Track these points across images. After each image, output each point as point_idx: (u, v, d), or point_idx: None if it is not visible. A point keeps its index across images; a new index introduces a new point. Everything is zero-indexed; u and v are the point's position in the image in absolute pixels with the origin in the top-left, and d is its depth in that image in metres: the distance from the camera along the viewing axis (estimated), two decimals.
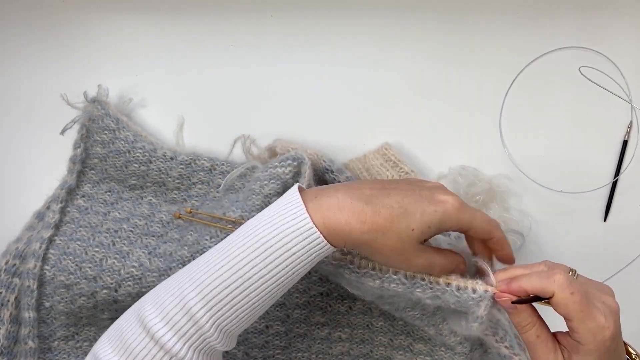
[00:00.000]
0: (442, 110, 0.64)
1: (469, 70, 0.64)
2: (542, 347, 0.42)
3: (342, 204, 0.41)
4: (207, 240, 0.54)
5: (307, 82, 0.65)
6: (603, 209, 0.63)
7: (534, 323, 0.42)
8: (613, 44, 0.63)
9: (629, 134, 0.62)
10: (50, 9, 0.66)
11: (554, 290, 0.39)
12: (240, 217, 0.53)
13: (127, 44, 0.66)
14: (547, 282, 0.40)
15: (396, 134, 0.63)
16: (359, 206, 0.41)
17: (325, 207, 0.41)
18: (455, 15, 0.64)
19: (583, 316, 0.39)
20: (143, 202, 0.62)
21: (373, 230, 0.41)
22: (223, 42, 0.65)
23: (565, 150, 0.63)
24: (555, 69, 0.63)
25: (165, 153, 0.61)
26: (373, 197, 0.42)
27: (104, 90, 0.63)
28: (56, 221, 0.60)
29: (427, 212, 0.42)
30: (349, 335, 0.59)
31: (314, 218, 0.41)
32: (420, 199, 0.43)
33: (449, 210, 0.43)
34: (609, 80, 0.62)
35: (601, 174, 0.63)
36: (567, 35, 0.63)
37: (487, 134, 0.63)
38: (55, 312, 0.58)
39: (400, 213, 0.42)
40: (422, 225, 0.42)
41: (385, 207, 0.42)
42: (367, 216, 0.41)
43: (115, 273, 0.56)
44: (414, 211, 0.42)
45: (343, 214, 0.41)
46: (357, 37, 0.65)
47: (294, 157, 0.54)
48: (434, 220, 0.42)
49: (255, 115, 0.65)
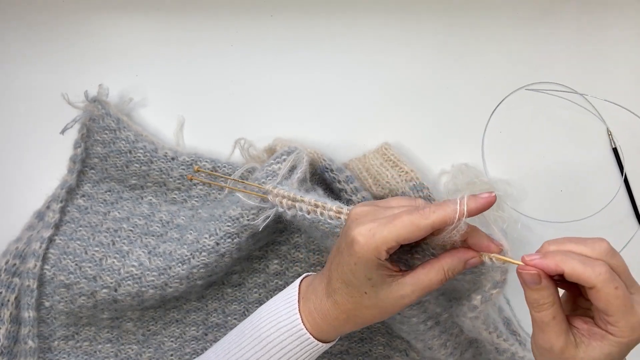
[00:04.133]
0: (441, 110, 0.64)
1: (470, 71, 0.64)
2: (555, 329, 0.39)
3: (322, 312, 0.44)
4: (206, 239, 0.54)
5: (306, 82, 0.65)
6: (632, 217, 0.62)
7: (552, 302, 0.39)
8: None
9: (612, 139, 0.62)
10: (50, 9, 0.66)
11: (595, 283, 0.37)
12: (243, 187, 0.54)
13: (128, 44, 0.66)
14: (591, 273, 0.37)
15: (396, 134, 0.63)
16: (326, 307, 0.44)
17: (309, 313, 0.45)
18: (455, 17, 0.64)
19: (625, 311, 0.37)
20: (143, 202, 0.62)
21: (350, 319, 0.44)
22: (223, 42, 0.65)
23: (562, 161, 0.63)
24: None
25: (167, 153, 0.61)
26: (330, 289, 0.44)
27: (105, 89, 0.63)
28: (56, 221, 0.60)
29: (352, 267, 0.42)
30: (347, 334, 0.59)
31: (306, 325, 0.44)
32: (342, 260, 0.43)
33: (360, 247, 0.41)
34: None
35: (605, 188, 0.62)
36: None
37: (487, 135, 0.63)
38: (55, 312, 0.58)
39: (344, 287, 0.43)
40: (360, 279, 0.42)
41: (335, 292, 0.43)
42: (334, 312, 0.44)
43: (115, 272, 0.56)
44: (348, 277, 0.42)
45: (324, 322, 0.44)
46: (356, 38, 0.65)
47: (288, 151, 0.55)
48: (360, 266, 0.41)
49: (255, 115, 0.65)
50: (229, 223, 0.54)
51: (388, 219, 0.41)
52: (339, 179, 0.57)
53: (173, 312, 0.61)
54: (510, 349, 0.51)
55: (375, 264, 0.41)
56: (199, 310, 0.61)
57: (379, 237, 0.40)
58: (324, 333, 0.45)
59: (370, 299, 0.42)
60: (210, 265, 0.55)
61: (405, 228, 0.40)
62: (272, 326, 0.45)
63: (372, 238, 0.40)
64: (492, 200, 0.41)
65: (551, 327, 0.39)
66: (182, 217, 0.60)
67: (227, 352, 0.46)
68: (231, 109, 0.65)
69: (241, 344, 0.46)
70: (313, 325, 0.44)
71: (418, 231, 0.40)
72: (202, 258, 0.54)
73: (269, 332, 0.45)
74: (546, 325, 0.39)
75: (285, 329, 0.44)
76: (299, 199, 0.48)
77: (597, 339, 0.38)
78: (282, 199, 0.49)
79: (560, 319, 0.39)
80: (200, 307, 0.61)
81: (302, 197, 0.48)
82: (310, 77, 0.65)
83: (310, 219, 0.48)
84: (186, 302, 0.60)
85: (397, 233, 0.40)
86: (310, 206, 0.48)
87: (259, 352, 0.45)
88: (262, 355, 0.44)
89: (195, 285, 0.56)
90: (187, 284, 0.55)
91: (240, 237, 0.54)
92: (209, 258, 0.54)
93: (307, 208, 0.48)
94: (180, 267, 0.54)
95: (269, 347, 0.44)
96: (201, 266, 0.54)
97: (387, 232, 0.40)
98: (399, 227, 0.40)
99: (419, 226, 0.40)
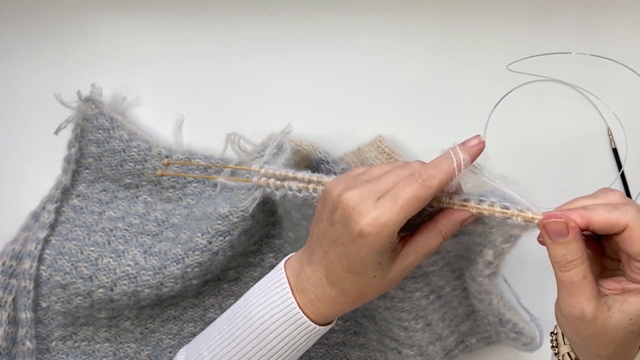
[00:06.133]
0: (440, 108, 0.64)
1: (469, 69, 0.64)
2: (585, 291, 0.35)
3: (327, 301, 0.43)
4: (198, 238, 0.54)
5: (306, 82, 0.65)
6: None
7: (582, 259, 0.35)
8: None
9: (612, 140, 0.62)
10: (45, 9, 0.66)
11: (627, 223, 0.34)
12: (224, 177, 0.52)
13: (128, 44, 0.66)
14: (619, 214, 0.34)
15: (390, 129, 0.63)
16: (332, 295, 0.43)
17: (310, 303, 0.43)
18: (455, 14, 0.64)
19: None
20: (138, 201, 0.62)
21: (357, 301, 0.43)
22: (223, 42, 0.65)
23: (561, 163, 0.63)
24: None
25: (161, 151, 0.61)
26: (333, 279, 0.42)
27: (98, 89, 0.63)
28: (51, 221, 0.60)
29: (362, 258, 0.40)
30: (342, 327, 0.59)
31: (305, 312, 0.43)
32: (347, 252, 0.40)
33: (373, 237, 0.39)
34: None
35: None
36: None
37: (478, 127, 0.63)
38: (52, 313, 0.58)
39: (351, 276, 0.41)
40: (371, 266, 0.40)
41: (341, 282, 0.42)
42: (341, 299, 0.43)
43: (110, 272, 0.56)
44: (356, 266, 0.41)
45: (330, 308, 0.43)
46: (356, 37, 0.65)
47: (268, 142, 0.54)
48: (372, 255, 0.39)
49: (254, 115, 0.65)
50: (219, 221, 0.54)
51: (391, 200, 0.38)
52: (335, 170, 0.57)
53: (170, 310, 0.60)
54: (513, 320, 0.50)
55: (387, 249, 0.40)
56: (196, 307, 0.61)
57: (390, 224, 0.38)
58: (328, 317, 0.44)
59: (379, 279, 0.41)
60: (204, 264, 0.54)
61: (411, 205, 0.38)
62: (265, 312, 0.43)
63: (383, 227, 0.38)
64: (482, 144, 0.40)
65: (582, 288, 0.35)
66: (177, 215, 0.60)
67: (221, 342, 0.45)
68: (230, 108, 0.65)
69: (234, 333, 0.44)
70: (314, 312, 0.43)
71: (423, 203, 0.39)
72: (196, 257, 0.54)
73: (263, 319, 0.43)
74: (576, 286, 0.35)
75: (284, 318, 0.43)
76: (290, 177, 0.46)
77: (633, 294, 0.35)
78: (269, 180, 0.47)
79: (590, 279, 0.35)
80: (198, 304, 0.61)
81: (294, 174, 0.46)
82: (310, 76, 0.65)
83: (303, 197, 0.46)
84: (183, 299, 0.60)
85: (405, 212, 0.38)
86: (303, 183, 0.46)
87: (254, 341, 0.43)
88: (257, 344, 0.43)
89: (191, 284, 0.56)
90: (182, 283, 0.55)
91: (232, 235, 0.54)
92: (202, 257, 0.54)
93: (299, 186, 0.46)
94: (175, 266, 0.54)
95: (264, 335, 0.43)
96: (195, 265, 0.54)
97: (396, 215, 0.38)
98: (405, 207, 0.38)
99: (423, 199, 0.38)
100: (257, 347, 0.43)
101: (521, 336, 0.51)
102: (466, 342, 0.57)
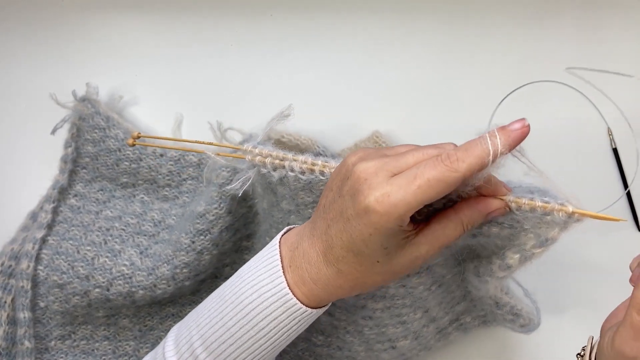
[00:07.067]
0: (441, 109, 0.63)
1: (470, 70, 0.63)
2: None
3: (321, 282, 0.39)
4: (183, 237, 0.54)
5: (306, 81, 0.64)
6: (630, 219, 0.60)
7: None
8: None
9: (612, 140, 0.60)
10: (44, 10, 0.66)
11: None
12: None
13: (127, 43, 0.66)
14: None
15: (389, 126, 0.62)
16: (327, 275, 0.39)
17: (302, 282, 0.40)
18: (455, 15, 0.63)
19: None
20: (135, 201, 0.62)
21: (354, 288, 0.39)
22: (223, 42, 0.65)
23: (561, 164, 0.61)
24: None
25: (155, 150, 0.61)
26: (330, 257, 0.39)
27: (94, 88, 0.63)
28: (49, 221, 0.60)
29: (365, 238, 0.36)
30: (324, 342, 0.57)
31: (297, 293, 0.39)
32: (350, 228, 0.36)
33: (380, 217, 0.34)
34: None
35: (606, 188, 0.60)
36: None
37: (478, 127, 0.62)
38: (50, 312, 0.59)
39: (352, 257, 0.37)
40: (375, 248, 0.36)
41: (339, 261, 0.38)
42: (337, 281, 0.39)
43: (106, 272, 0.56)
44: (358, 246, 0.37)
45: (324, 291, 0.39)
46: (357, 36, 0.64)
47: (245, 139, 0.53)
48: (377, 237, 0.35)
49: (254, 115, 0.63)
50: (197, 220, 0.53)
51: (407, 178, 0.34)
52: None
53: (169, 307, 0.61)
54: (510, 302, 0.48)
55: (395, 232, 0.35)
56: (194, 304, 0.60)
57: (401, 205, 0.34)
58: (322, 301, 0.40)
59: (383, 266, 0.37)
60: (191, 264, 0.54)
61: (432, 188, 0.33)
62: (254, 291, 0.40)
63: (392, 206, 0.34)
64: (526, 129, 0.35)
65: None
66: (173, 216, 0.60)
67: (209, 320, 0.42)
68: (230, 108, 0.64)
69: (223, 311, 0.41)
70: (305, 293, 0.39)
71: (447, 188, 0.34)
72: (182, 257, 0.54)
73: (251, 298, 0.40)
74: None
75: (273, 298, 0.39)
76: (290, 158, 0.42)
77: None
78: (265, 158, 0.43)
79: None
80: (196, 301, 0.61)
81: (295, 156, 0.42)
82: (311, 76, 0.64)
83: (306, 179, 0.42)
84: (181, 296, 0.61)
85: (423, 195, 0.34)
86: (307, 165, 0.42)
87: (242, 321, 0.40)
88: (245, 324, 0.40)
89: (184, 286, 0.56)
90: (174, 285, 0.55)
91: (212, 233, 0.54)
92: (188, 257, 0.54)
93: (302, 167, 0.42)
94: (165, 267, 0.55)
95: (251, 316, 0.40)
96: (183, 266, 0.54)
97: (411, 195, 0.33)
98: (424, 188, 0.33)
99: (446, 182, 0.34)
100: (245, 329, 0.40)
101: (518, 318, 0.49)
102: (461, 320, 0.55)
